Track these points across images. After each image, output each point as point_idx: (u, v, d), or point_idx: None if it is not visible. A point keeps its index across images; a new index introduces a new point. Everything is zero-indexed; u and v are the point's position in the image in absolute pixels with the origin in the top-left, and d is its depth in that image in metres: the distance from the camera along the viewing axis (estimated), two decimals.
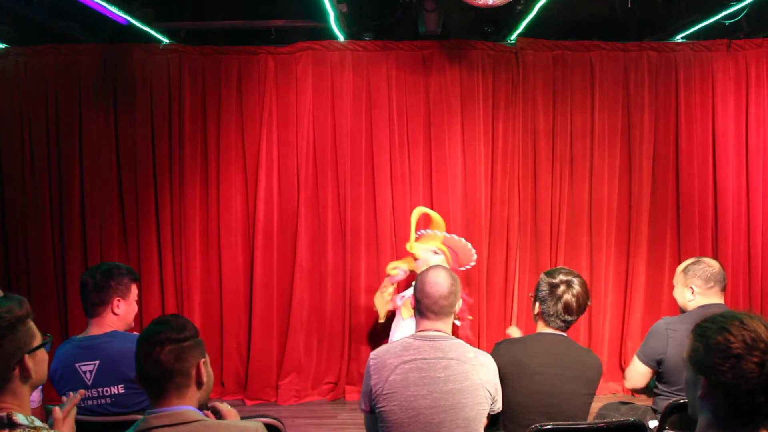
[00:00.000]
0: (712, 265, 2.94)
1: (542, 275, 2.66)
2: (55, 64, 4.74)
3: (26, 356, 1.59)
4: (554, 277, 2.59)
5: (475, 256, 4.17)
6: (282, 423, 2.31)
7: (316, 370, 4.79)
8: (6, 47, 4.76)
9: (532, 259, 4.81)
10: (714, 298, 2.90)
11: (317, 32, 4.76)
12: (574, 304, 2.55)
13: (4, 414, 1.53)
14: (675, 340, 2.79)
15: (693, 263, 2.98)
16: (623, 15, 4.87)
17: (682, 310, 3.00)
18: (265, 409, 4.56)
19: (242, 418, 2.01)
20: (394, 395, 2.20)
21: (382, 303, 4.20)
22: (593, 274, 4.78)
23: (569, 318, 2.56)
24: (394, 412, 2.20)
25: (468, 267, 4.20)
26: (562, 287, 2.55)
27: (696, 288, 2.91)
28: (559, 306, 2.54)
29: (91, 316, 2.52)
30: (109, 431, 2.27)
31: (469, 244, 4.25)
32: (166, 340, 1.75)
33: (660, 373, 2.88)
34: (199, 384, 1.80)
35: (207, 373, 1.82)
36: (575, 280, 2.57)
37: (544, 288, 2.59)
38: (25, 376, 1.60)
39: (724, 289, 2.95)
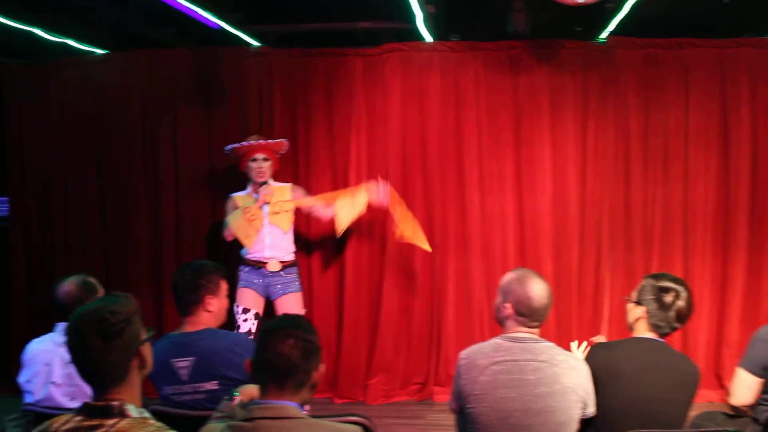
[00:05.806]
0: None
1: (647, 279, 2.58)
2: (150, 69, 4.89)
3: (141, 347, 1.69)
4: (662, 282, 2.52)
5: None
6: (371, 422, 2.30)
7: (405, 370, 4.80)
8: (106, 53, 4.92)
9: (624, 262, 4.70)
10: None
11: (403, 33, 4.77)
12: (686, 312, 2.48)
13: (117, 403, 1.60)
14: None
15: None
16: (719, 11, 4.71)
17: None
18: (354, 408, 4.58)
19: (331, 416, 2.02)
20: (484, 396, 2.19)
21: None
22: (688, 278, 4.54)
23: (677, 325, 2.49)
24: (485, 414, 2.19)
25: None
26: (673, 294, 2.48)
27: None
28: (671, 313, 2.47)
29: (185, 315, 2.57)
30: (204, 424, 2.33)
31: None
32: (298, 336, 1.75)
33: (765, 383, 2.75)
34: (313, 387, 1.80)
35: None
36: (683, 287, 2.51)
37: (652, 293, 2.51)
38: (141, 366, 1.70)
39: None
